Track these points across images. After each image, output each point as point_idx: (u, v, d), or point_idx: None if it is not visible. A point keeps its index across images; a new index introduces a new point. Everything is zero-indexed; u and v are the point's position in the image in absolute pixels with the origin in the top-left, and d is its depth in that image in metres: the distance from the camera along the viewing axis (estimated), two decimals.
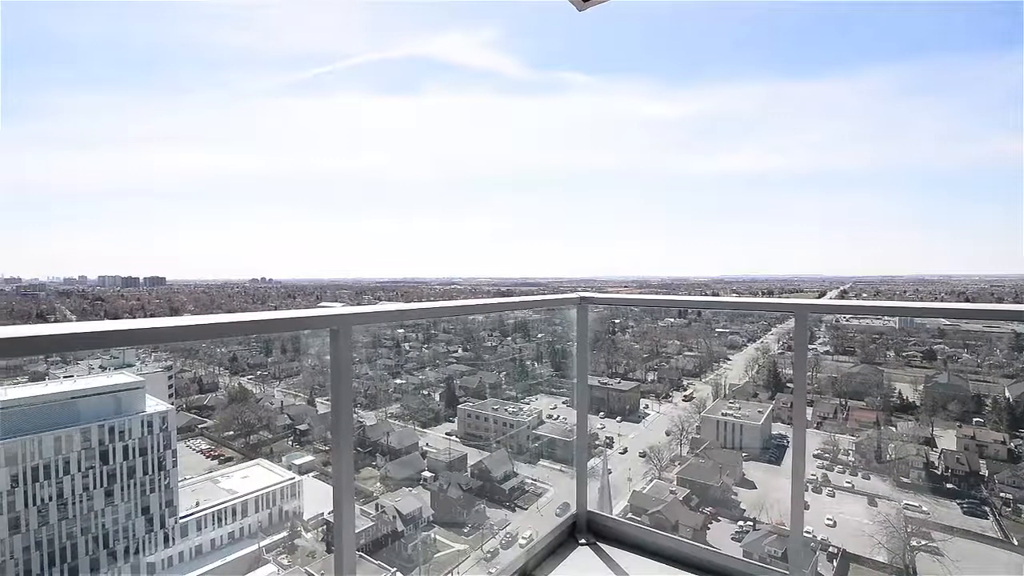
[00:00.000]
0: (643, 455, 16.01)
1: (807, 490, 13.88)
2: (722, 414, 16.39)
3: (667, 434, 16.69)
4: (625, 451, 16.41)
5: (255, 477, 13.05)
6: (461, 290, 42.22)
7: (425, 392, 18.64)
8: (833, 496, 13.75)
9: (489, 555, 12.94)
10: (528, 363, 20.69)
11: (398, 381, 19.01)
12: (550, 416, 17.39)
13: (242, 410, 16.55)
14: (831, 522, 12.93)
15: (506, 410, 17.24)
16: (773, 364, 18.67)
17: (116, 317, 27.10)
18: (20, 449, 9.53)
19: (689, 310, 22.01)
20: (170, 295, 33.83)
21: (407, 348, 20.92)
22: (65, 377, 11.92)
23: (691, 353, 20.74)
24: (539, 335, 21.58)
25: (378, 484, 14.24)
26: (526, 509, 14.32)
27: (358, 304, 19.87)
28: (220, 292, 36.66)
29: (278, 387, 18.48)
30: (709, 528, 13.45)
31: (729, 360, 20.46)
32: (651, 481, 15.22)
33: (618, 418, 17.63)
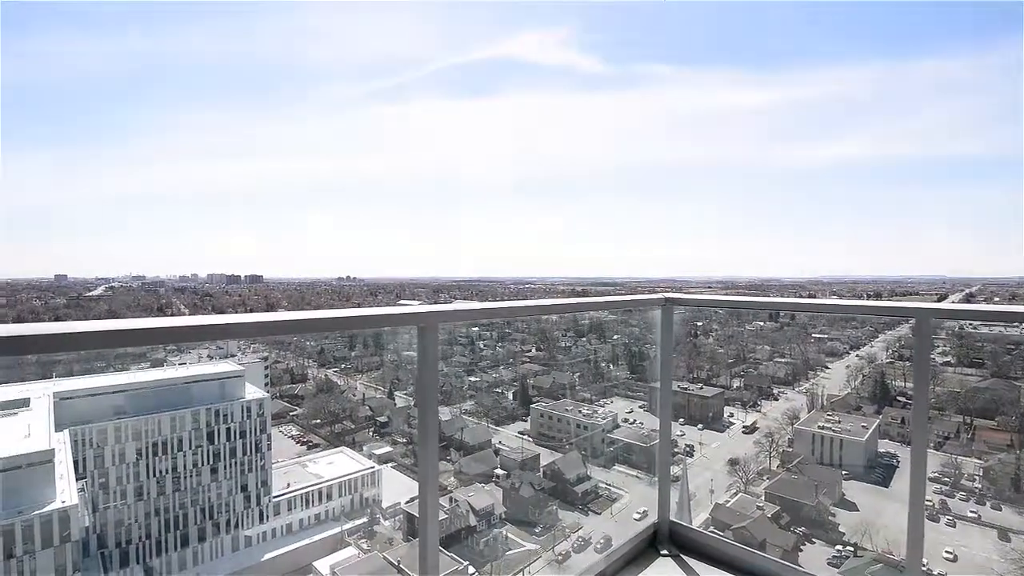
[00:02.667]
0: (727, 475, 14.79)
1: None
2: (819, 427, 15.06)
3: (755, 445, 15.69)
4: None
5: (339, 464, 13.87)
6: (536, 289, 42.37)
7: (498, 390, 18.87)
8: (954, 526, 12.26)
9: (560, 557, 12.83)
10: (603, 365, 20.32)
11: (472, 378, 19.38)
12: (626, 420, 16.95)
13: (328, 400, 17.65)
14: (951, 555, 11.53)
15: (580, 412, 17.01)
16: (880, 374, 16.91)
17: (221, 312, 29.95)
18: (144, 426, 10.81)
19: (781, 313, 20.53)
20: (267, 292, 36.90)
21: (481, 346, 21.28)
22: (179, 364, 13.36)
23: (783, 359, 19.34)
24: (615, 336, 21.11)
25: (452, 479, 14.59)
26: (599, 514, 14.05)
27: (435, 302, 20.47)
28: (310, 289, 39.44)
29: (360, 380, 19.51)
30: (801, 550, 12.46)
31: (828, 368, 18.86)
32: (736, 494, 14.36)
33: (699, 426, 16.80)
